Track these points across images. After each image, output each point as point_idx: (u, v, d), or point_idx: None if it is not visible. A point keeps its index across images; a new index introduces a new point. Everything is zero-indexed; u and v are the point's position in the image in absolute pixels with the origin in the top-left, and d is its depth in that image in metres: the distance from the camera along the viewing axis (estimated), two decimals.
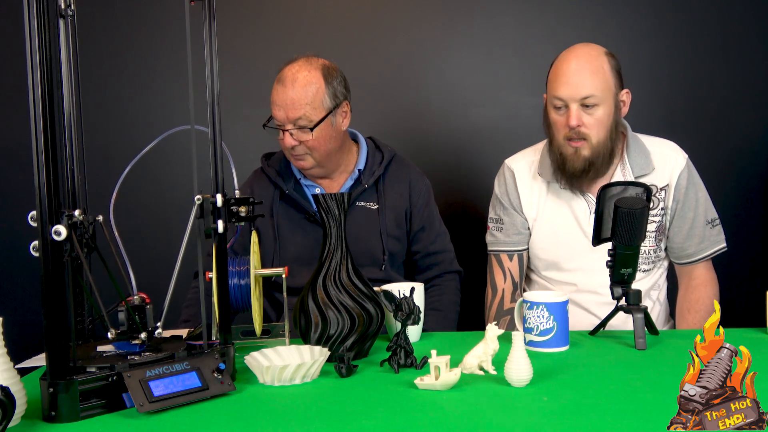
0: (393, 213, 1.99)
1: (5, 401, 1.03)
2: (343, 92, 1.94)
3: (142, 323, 1.25)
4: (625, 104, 1.87)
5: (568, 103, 1.80)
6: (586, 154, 1.82)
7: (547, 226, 1.93)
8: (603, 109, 1.80)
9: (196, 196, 1.26)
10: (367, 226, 1.97)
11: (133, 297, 1.26)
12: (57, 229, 1.09)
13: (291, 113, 1.85)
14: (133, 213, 2.56)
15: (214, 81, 1.29)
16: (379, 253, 1.96)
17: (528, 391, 1.21)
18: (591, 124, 1.80)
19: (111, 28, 2.63)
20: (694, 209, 1.88)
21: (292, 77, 1.86)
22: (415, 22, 2.65)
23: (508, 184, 1.98)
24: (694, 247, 1.90)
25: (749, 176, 2.65)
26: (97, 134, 2.34)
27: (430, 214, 2.05)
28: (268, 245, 1.96)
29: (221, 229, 1.29)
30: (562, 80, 1.80)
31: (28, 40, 1.07)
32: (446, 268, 2.05)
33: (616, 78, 1.83)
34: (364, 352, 1.45)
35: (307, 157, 1.91)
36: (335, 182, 2.02)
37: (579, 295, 1.89)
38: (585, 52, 1.82)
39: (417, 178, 2.05)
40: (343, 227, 1.42)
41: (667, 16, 2.62)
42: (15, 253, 2.58)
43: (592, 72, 1.78)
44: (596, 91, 1.78)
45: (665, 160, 1.89)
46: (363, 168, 2.01)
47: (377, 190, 2.00)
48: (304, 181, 2.00)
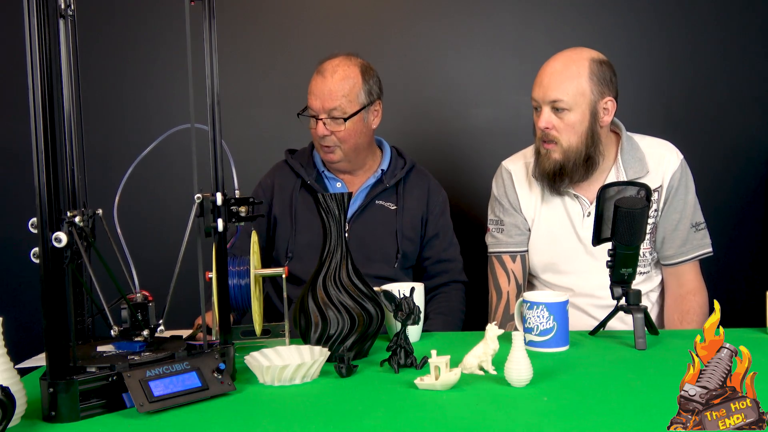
0: (410, 216, 2.03)
1: (5, 401, 1.03)
2: (378, 92, 2.01)
3: (144, 321, 1.25)
4: (608, 112, 1.84)
5: (541, 105, 1.82)
6: (557, 157, 1.83)
7: (544, 229, 1.93)
8: (574, 115, 1.79)
9: (196, 195, 1.26)
10: (384, 224, 2.01)
11: (135, 294, 1.26)
12: (57, 236, 1.09)
13: (327, 103, 1.92)
14: (133, 212, 2.55)
15: (214, 81, 1.29)
16: (393, 252, 2.00)
17: (528, 391, 1.21)
18: (561, 128, 1.81)
19: (111, 28, 2.63)
20: (681, 211, 1.87)
21: (332, 69, 1.94)
22: (415, 23, 2.65)
23: (506, 185, 1.98)
24: (675, 249, 1.88)
25: (748, 176, 2.65)
26: (97, 134, 2.34)
27: (446, 224, 2.10)
28: (285, 231, 2.00)
29: (221, 228, 1.29)
30: (537, 81, 1.84)
31: (28, 40, 1.07)
32: (454, 276, 2.07)
33: (597, 85, 1.80)
34: (364, 352, 1.45)
35: (336, 150, 1.97)
36: (358, 179, 2.06)
37: (576, 299, 1.88)
38: (566, 56, 1.83)
39: (435, 188, 2.11)
40: (343, 227, 1.42)
41: (666, 16, 2.62)
42: (15, 253, 2.58)
43: (567, 77, 1.79)
44: (565, 96, 1.78)
45: (659, 161, 1.88)
46: (386, 169, 2.06)
47: (397, 192, 2.05)
48: (326, 174, 2.05)
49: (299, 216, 2.00)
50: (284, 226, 2.01)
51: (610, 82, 1.83)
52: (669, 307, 1.92)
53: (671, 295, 1.93)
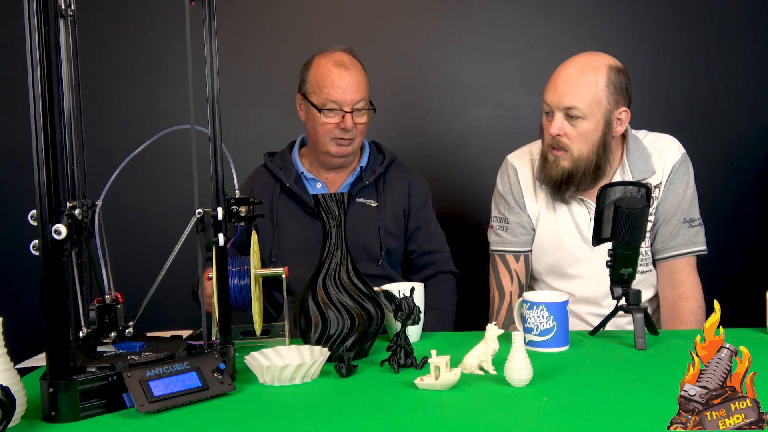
0: (392, 211, 2.01)
1: (5, 401, 1.03)
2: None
3: (111, 323, 1.26)
4: (621, 123, 1.80)
5: (553, 110, 1.77)
6: (566, 165, 1.78)
7: (549, 231, 1.89)
8: (588, 124, 1.75)
9: (196, 210, 1.26)
10: (365, 222, 1.99)
11: (104, 296, 1.26)
12: (57, 228, 1.09)
13: (356, 95, 1.92)
14: (131, 213, 2.56)
15: (214, 81, 1.29)
16: (377, 249, 1.98)
17: (528, 391, 1.21)
18: (573, 135, 1.76)
19: (111, 28, 2.63)
20: (676, 204, 1.83)
21: (350, 62, 1.95)
22: (414, 23, 2.65)
23: (512, 181, 1.94)
24: (662, 243, 1.84)
25: (748, 175, 2.65)
26: (97, 134, 2.33)
27: (428, 216, 2.08)
28: (267, 236, 1.98)
29: (221, 243, 1.28)
30: (551, 85, 1.78)
31: (28, 40, 1.06)
32: (442, 267, 2.06)
33: (613, 94, 1.76)
34: (364, 352, 1.45)
35: (353, 142, 1.97)
36: (339, 177, 2.05)
37: (576, 306, 1.86)
38: (583, 61, 1.77)
39: (416, 180, 2.08)
40: (343, 227, 1.42)
41: (666, 16, 2.62)
42: (15, 253, 2.58)
43: (583, 84, 1.74)
44: (580, 104, 1.73)
45: (660, 156, 1.85)
46: (365, 166, 2.04)
47: (377, 188, 2.03)
48: (306, 175, 2.03)
49: (281, 220, 1.98)
50: (266, 232, 1.98)
51: (625, 92, 1.79)
52: (663, 315, 1.88)
53: (665, 299, 1.87)
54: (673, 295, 1.85)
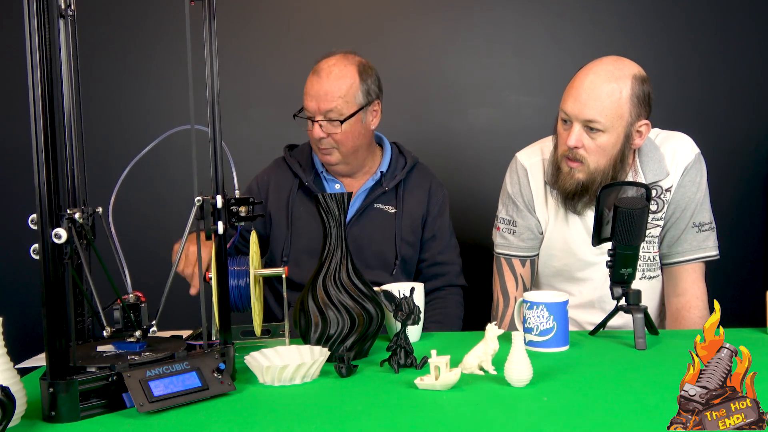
0: (410, 219, 1.97)
1: (5, 401, 1.03)
2: (376, 91, 1.94)
3: (137, 321, 1.25)
4: (641, 135, 1.71)
5: (572, 121, 1.68)
6: (581, 177, 1.70)
7: (558, 235, 1.83)
8: (608, 137, 1.66)
9: (196, 197, 1.26)
10: (382, 229, 1.95)
11: (128, 295, 1.26)
12: (57, 233, 1.09)
13: (323, 105, 1.85)
14: (132, 213, 2.56)
15: (214, 81, 1.29)
16: (391, 257, 1.94)
17: (528, 391, 1.21)
18: (591, 148, 1.67)
19: (111, 28, 2.63)
20: (683, 209, 1.77)
21: (327, 69, 1.87)
22: (415, 22, 2.65)
23: (522, 182, 1.85)
24: (668, 248, 1.80)
25: (749, 176, 2.65)
26: (97, 134, 2.34)
27: (443, 225, 2.02)
28: (281, 234, 1.95)
29: (221, 231, 1.29)
30: (572, 94, 1.67)
31: (28, 40, 1.06)
32: (450, 280, 2.00)
33: (636, 106, 1.66)
34: (364, 352, 1.45)
35: (333, 152, 1.91)
36: (357, 181, 2.00)
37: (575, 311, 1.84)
38: (607, 71, 1.66)
39: (437, 187, 2.03)
40: (343, 227, 1.42)
41: (667, 15, 2.62)
42: (15, 253, 2.58)
43: (607, 95, 1.63)
44: (602, 117, 1.64)
45: (673, 157, 1.78)
46: (385, 171, 1.99)
47: (396, 194, 1.98)
48: (325, 175, 2.00)
49: (296, 220, 1.95)
50: (280, 229, 1.95)
51: (647, 104, 1.69)
52: (668, 323, 1.85)
53: (669, 307, 1.84)
54: (676, 303, 1.82)
